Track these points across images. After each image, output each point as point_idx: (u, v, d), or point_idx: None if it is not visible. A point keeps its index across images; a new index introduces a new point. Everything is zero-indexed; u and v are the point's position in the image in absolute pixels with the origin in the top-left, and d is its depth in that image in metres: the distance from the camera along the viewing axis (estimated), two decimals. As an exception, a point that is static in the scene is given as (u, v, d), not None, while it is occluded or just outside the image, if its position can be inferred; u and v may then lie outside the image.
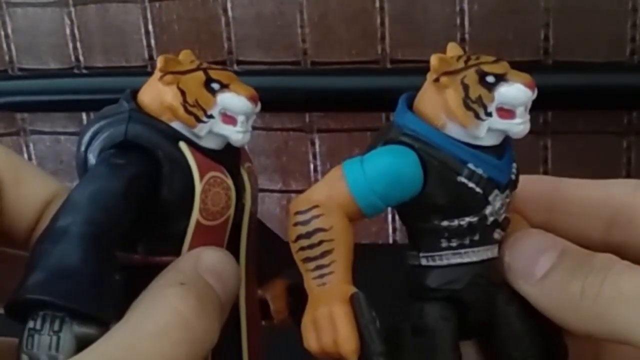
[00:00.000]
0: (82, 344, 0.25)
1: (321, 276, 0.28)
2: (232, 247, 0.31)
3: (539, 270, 0.28)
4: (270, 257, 0.32)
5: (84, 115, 0.71)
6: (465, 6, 0.60)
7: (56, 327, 0.25)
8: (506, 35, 0.60)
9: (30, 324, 0.26)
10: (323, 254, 0.28)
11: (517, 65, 0.28)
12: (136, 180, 0.28)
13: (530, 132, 0.28)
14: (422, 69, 0.29)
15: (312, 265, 0.28)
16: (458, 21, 0.61)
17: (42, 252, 0.26)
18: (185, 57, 0.30)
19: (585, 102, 0.60)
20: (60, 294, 0.25)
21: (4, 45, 0.70)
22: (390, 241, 0.69)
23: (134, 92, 0.30)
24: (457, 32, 0.61)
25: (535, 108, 0.28)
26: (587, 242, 0.31)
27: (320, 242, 0.28)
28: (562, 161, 0.63)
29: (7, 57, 0.71)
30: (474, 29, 0.60)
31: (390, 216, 0.68)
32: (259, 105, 0.29)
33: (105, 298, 0.26)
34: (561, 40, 0.60)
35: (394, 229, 0.68)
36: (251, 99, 0.29)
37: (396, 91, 0.30)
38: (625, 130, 0.62)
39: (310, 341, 0.27)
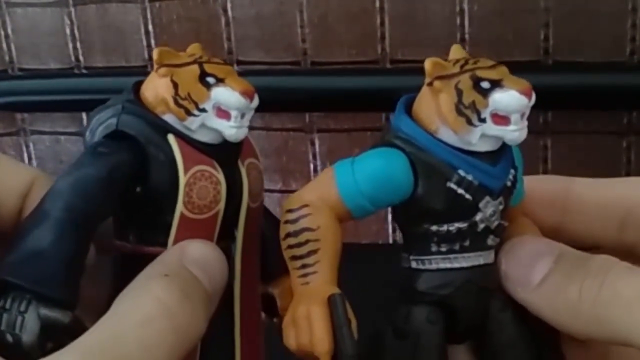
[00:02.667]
0: (47, 326, 0.26)
1: (305, 275, 0.28)
2: (229, 241, 0.31)
3: (536, 276, 0.28)
4: (277, 253, 0.32)
5: (84, 115, 0.71)
6: (465, 6, 0.60)
7: (22, 307, 0.26)
8: (506, 35, 0.60)
9: (1, 303, 0.26)
10: (309, 253, 0.28)
11: (517, 65, 0.28)
12: (119, 169, 0.28)
13: (530, 132, 0.28)
14: (422, 69, 0.29)
15: (297, 263, 0.28)
16: (458, 21, 0.61)
17: (21, 235, 0.27)
18: (191, 50, 0.30)
19: (585, 102, 0.60)
20: (27, 277, 0.26)
21: (4, 45, 0.71)
22: (390, 241, 0.69)
23: (139, 84, 0.30)
24: (457, 32, 0.61)
25: (535, 108, 0.28)
26: (600, 242, 0.31)
27: (307, 242, 0.28)
28: (562, 161, 0.63)
29: (7, 57, 0.71)
30: (474, 29, 0.60)
31: (390, 216, 0.68)
32: (256, 101, 0.29)
33: (73, 283, 0.27)
34: (561, 40, 0.60)
35: (394, 229, 0.68)
36: (245, 93, 0.29)
37: (396, 91, 0.29)
38: (625, 130, 0.61)
39: (289, 339, 0.27)
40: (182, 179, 0.29)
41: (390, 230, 0.68)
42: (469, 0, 0.60)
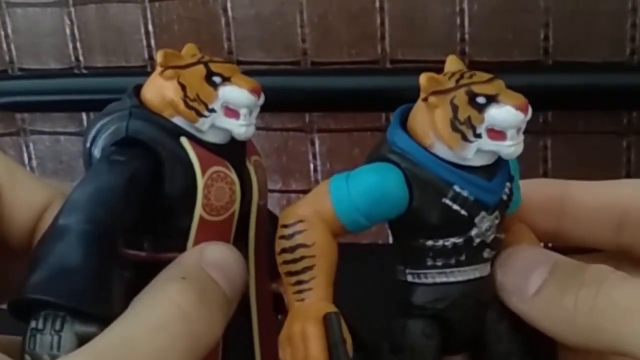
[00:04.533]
0: (84, 342, 0.25)
1: (300, 292, 0.28)
2: (241, 242, 0.31)
3: (532, 286, 0.28)
4: None
5: (84, 115, 0.71)
6: (465, 6, 0.60)
7: (57, 326, 0.25)
8: (506, 35, 0.60)
9: (33, 324, 0.26)
10: (304, 270, 0.28)
11: (517, 65, 0.28)
12: (137, 176, 0.28)
13: (530, 132, 0.28)
14: (422, 69, 0.29)
15: (293, 279, 0.28)
16: (458, 21, 0.61)
17: (43, 251, 0.26)
18: (188, 50, 0.30)
19: (585, 102, 0.59)
20: (60, 293, 0.25)
21: (4, 45, 0.70)
22: (390, 241, 0.68)
23: (138, 88, 0.30)
24: (457, 32, 0.61)
25: (535, 108, 0.28)
26: (598, 244, 0.31)
27: (302, 258, 0.28)
28: (562, 161, 0.63)
29: (7, 57, 0.71)
30: (474, 29, 0.60)
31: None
32: (262, 98, 0.29)
33: (106, 296, 0.26)
34: (561, 40, 0.59)
35: (394, 229, 0.68)
36: (253, 91, 0.29)
37: (396, 91, 0.30)
38: (625, 130, 0.61)
39: (285, 356, 0.27)
40: (200, 182, 0.28)
41: (389, 230, 0.68)
42: (468, 0, 0.60)
